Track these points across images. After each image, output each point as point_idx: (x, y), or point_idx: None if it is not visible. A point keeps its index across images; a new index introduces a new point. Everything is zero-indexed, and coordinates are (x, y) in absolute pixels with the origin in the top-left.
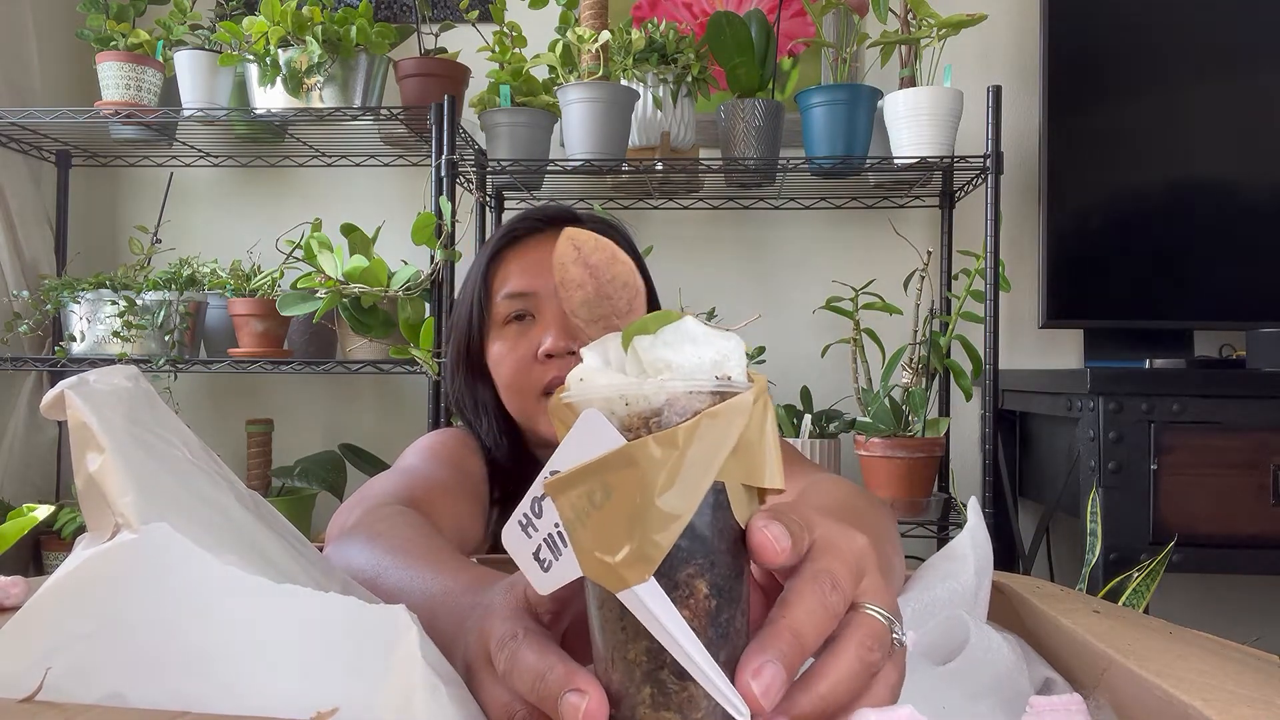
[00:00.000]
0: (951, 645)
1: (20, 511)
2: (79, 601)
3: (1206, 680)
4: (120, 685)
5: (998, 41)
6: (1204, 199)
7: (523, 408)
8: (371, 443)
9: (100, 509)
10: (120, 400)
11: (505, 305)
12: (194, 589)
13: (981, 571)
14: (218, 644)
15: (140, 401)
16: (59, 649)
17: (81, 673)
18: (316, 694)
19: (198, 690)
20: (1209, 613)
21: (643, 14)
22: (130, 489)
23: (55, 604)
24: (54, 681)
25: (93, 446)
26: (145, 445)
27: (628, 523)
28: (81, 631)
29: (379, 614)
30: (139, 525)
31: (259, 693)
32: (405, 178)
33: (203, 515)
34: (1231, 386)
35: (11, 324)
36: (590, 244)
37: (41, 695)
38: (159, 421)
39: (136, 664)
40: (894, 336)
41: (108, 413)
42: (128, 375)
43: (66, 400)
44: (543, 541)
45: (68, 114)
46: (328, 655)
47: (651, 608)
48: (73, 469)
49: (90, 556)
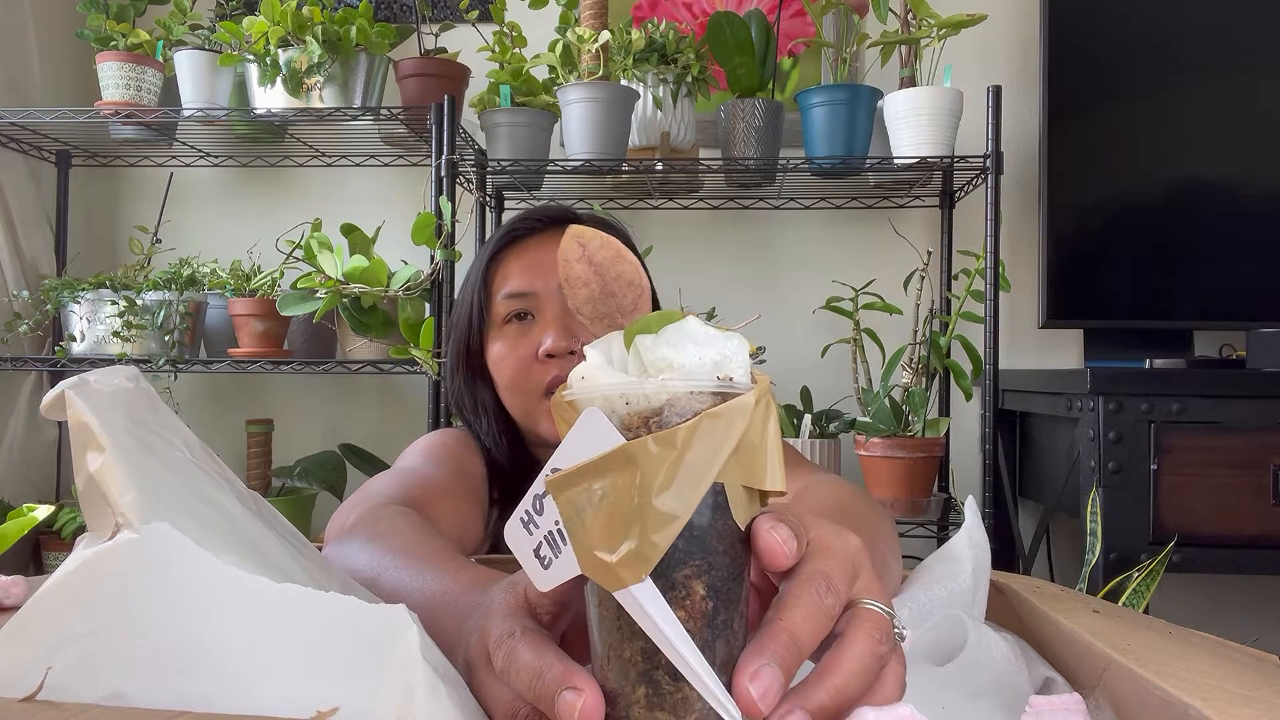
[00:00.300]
0: (950, 645)
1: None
2: (80, 601)
3: (1206, 680)
4: (121, 684)
5: (998, 41)
6: (1204, 199)
7: (523, 407)
8: (371, 443)
9: (101, 509)
10: (121, 401)
11: (505, 305)
12: (194, 588)
13: (979, 571)
14: (218, 643)
15: (141, 402)
16: (60, 648)
17: (83, 672)
18: (316, 693)
19: (199, 689)
20: (1209, 613)
21: (643, 14)
22: (131, 488)
23: (56, 603)
24: (55, 680)
25: (93, 446)
26: (146, 445)
27: (625, 522)
28: (82, 631)
29: (379, 614)
30: (140, 525)
31: (259, 692)
32: (405, 178)
33: (204, 515)
34: (1231, 386)
35: (11, 324)
36: (596, 241)
37: (42, 695)
38: (160, 422)
39: (137, 663)
40: (894, 336)
41: (108, 413)
42: (128, 376)
43: (67, 400)
44: (543, 539)
45: (68, 114)
46: (328, 655)
47: (647, 608)
48: (73, 469)
49: (91, 556)
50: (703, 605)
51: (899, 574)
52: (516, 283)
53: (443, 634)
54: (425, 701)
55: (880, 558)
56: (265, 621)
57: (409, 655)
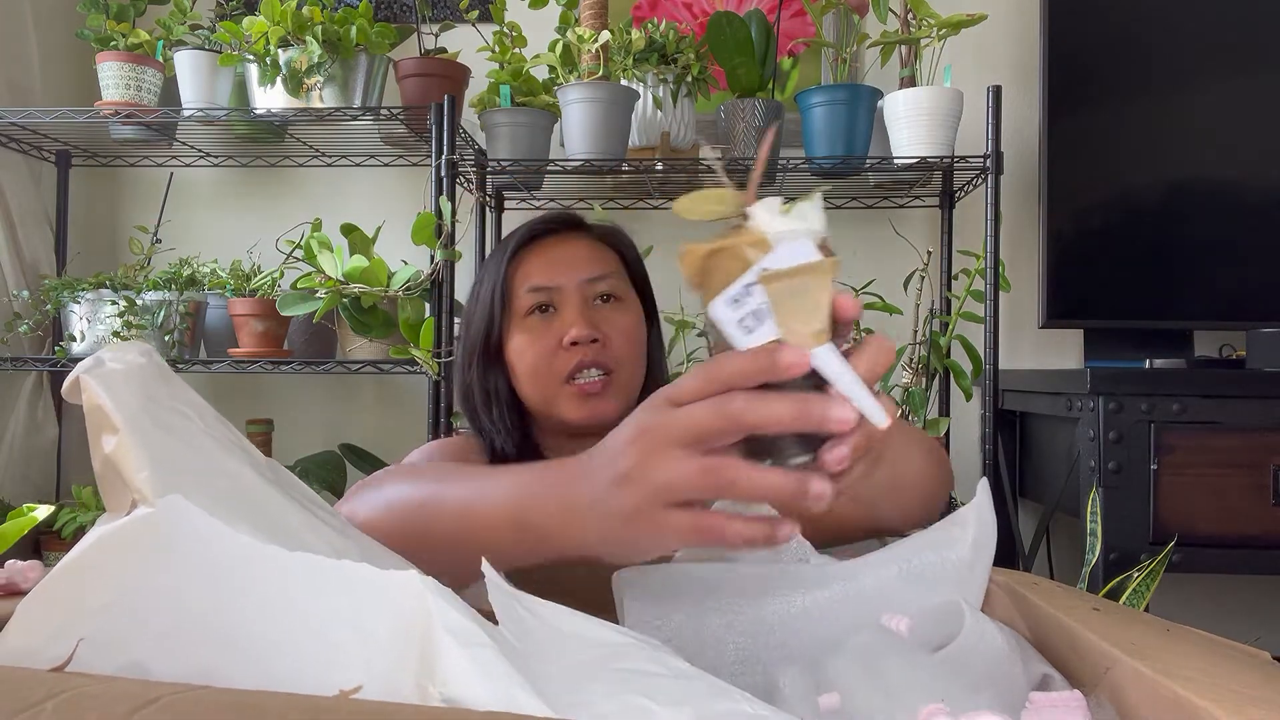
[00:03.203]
0: (946, 631)
1: (20, 511)
2: (97, 575)
3: (1213, 680)
4: (140, 655)
5: (998, 41)
6: (1204, 199)
7: (544, 394)
8: (371, 443)
9: (118, 489)
10: (134, 377)
11: (529, 298)
12: (209, 560)
13: (980, 546)
14: (234, 615)
15: (154, 377)
16: (79, 621)
17: (102, 644)
18: (334, 661)
19: (217, 660)
20: (1209, 613)
21: (643, 14)
22: (145, 465)
23: (74, 578)
24: (78, 650)
25: (108, 428)
26: (160, 422)
27: (817, 308)
28: (100, 604)
29: (395, 580)
30: (154, 499)
31: (276, 662)
32: (405, 178)
33: (218, 486)
34: (1231, 386)
35: (11, 324)
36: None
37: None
38: (173, 395)
39: (156, 635)
40: (894, 336)
41: (122, 392)
42: (141, 351)
43: (82, 384)
44: (749, 313)
45: (68, 114)
46: (344, 623)
47: (828, 359)
48: (90, 453)
49: (106, 531)
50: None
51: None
52: (539, 277)
53: (546, 514)
54: (447, 669)
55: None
56: (279, 591)
57: (427, 623)
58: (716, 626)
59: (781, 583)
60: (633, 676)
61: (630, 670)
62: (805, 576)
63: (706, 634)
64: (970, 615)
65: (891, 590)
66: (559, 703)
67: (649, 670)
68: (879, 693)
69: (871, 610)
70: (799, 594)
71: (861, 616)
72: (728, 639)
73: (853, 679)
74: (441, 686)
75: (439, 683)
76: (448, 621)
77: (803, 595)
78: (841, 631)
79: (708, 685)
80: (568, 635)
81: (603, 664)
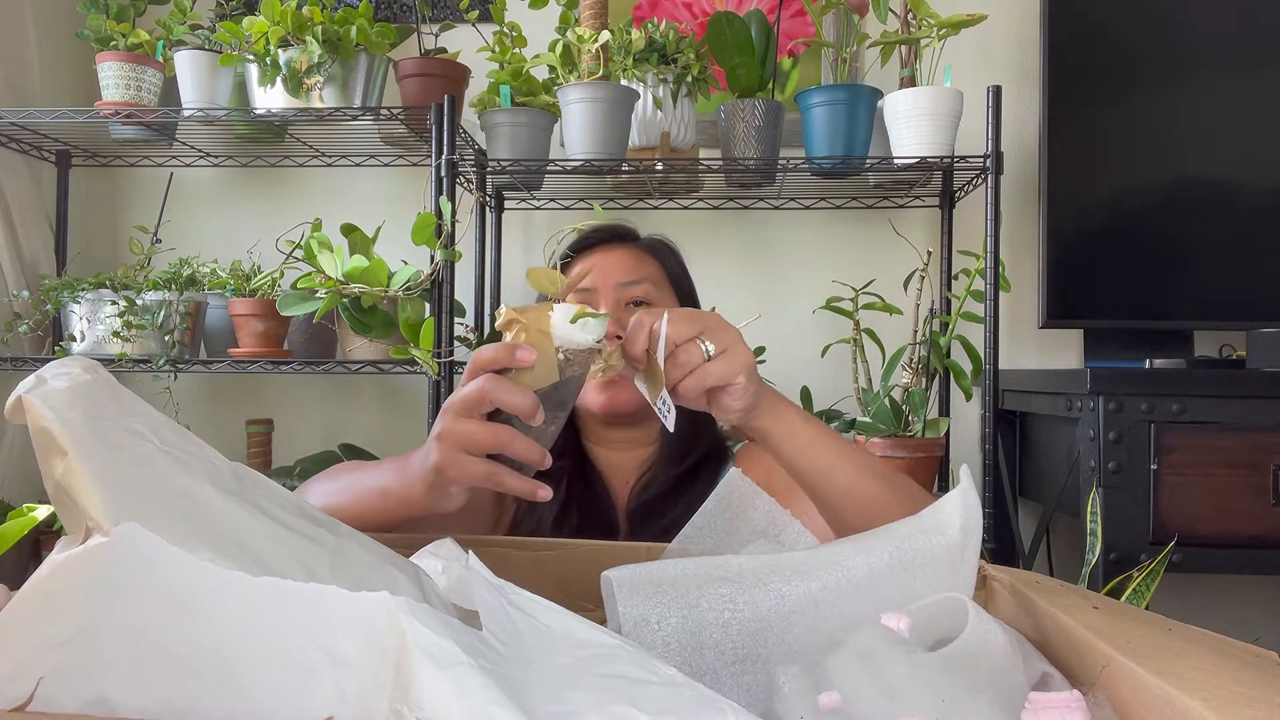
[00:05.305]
0: (946, 626)
1: (20, 511)
2: (55, 608)
3: (1207, 679)
4: (105, 690)
5: (997, 41)
6: (1204, 199)
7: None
8: (371, 443)
9: (73, 513)
10: (80, 395)
11: (573, 298)
12: (171, 589)
13: (969, 531)
14: (200, 644)
15: (101, 393)
16: (38, 657)
17: (65, 679)
18: (306, 687)
19: (185, 690)
20: (1209, 613)
21: (643, 14)
22: (97, 489)
23: (31, 610)
24: (38, 689)
25: (56, 451)
26: (111, 442)
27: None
28: (60, 638)
29: (365, 602)
30: (109, 527)
31: (246, 690)
32: (405, 178)
33: (175, 509)
34: (1231, 386)
35: (11, 324)
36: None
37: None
38: (123, 411)
39: (120, 668)
40: (894, 336)
41: (67, 412)
42: (85, 367)
43: (25, 405)
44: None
45: (68, 114)
46: (313, 647)
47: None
48: (41, 475)
49: (61, 561)
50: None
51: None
52: (585, 280)
53: (401, 480)
54: (422, 691)
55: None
56: (245, 617)
57: (401, 644)
58: (714, 626)
59: (774, 573)
60: (620, 683)
61: (617, 676)
62: (797, 564)
63: (705, 635)
64: (974, 614)
65: (884, 577)
66: (542, 712)
67: (637, 676)
68: (880, 692)
69: (868, 601)
70: (794, 584)
71: (859, 610)
72: (726, 639)
73: (853, 678)
74: (417, 710)
75: (414, 706)
76: (421, 641)
77: (797, 585)
78: (841, 629)
79: (695, 694)
80: (556, 635)
81: (589, 668)
